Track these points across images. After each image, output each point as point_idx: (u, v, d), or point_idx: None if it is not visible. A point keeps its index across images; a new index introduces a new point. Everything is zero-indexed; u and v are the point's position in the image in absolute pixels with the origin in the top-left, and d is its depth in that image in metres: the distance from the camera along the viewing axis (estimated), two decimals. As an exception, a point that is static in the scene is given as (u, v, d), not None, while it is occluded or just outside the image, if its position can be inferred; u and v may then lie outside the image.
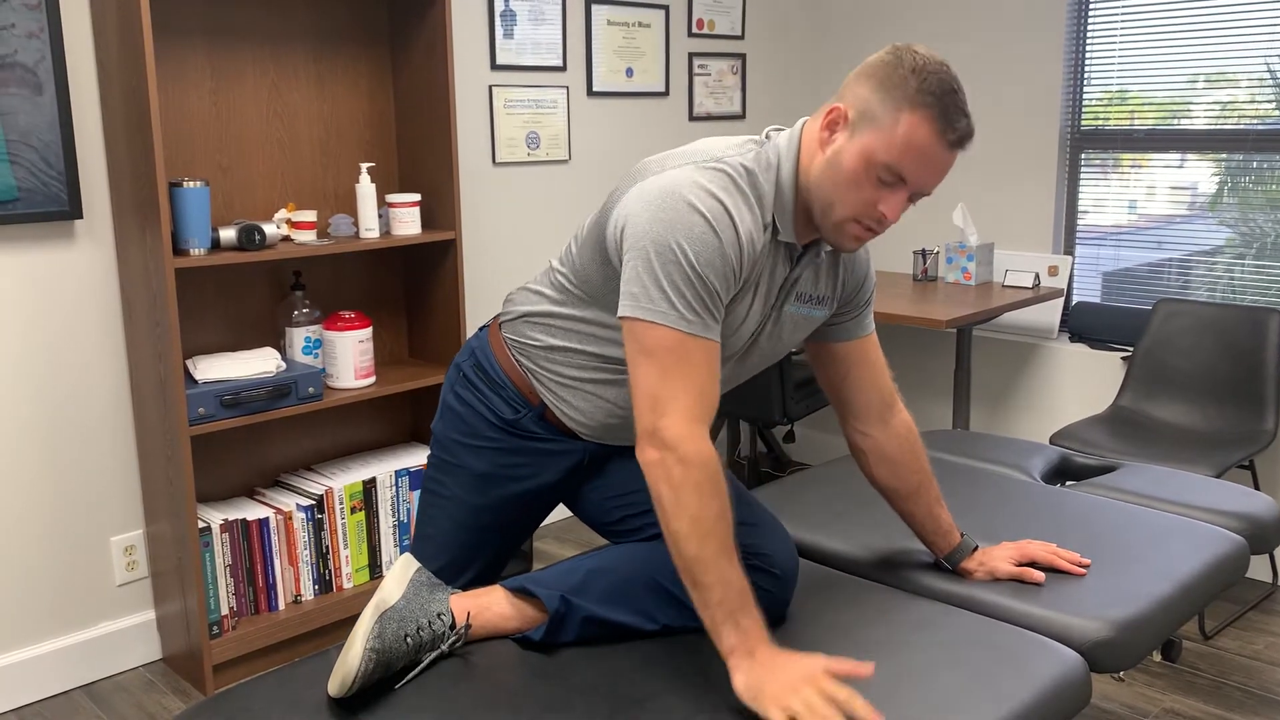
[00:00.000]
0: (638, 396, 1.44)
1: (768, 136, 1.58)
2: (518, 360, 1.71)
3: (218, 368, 2.65)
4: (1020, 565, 1.79)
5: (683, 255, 1.42)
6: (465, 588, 1.75)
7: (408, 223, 2.89)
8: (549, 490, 1.77)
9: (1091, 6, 3.55)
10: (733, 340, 1.60)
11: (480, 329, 1.81)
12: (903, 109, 1.44)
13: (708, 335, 1.45)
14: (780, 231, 1.54)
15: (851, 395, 1.77)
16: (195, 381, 2.62)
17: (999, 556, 1.80)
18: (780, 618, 1.66)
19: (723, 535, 1.41)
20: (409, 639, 1.50)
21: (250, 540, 2.74)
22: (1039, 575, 1.77)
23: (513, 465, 1.74)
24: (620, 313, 1.46)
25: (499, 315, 1.78)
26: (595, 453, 1.75)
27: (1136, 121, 3.51)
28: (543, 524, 3.71)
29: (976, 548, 1.83)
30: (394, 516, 2.99)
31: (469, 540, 1.78)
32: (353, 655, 1.43)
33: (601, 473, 1.78)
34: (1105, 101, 3.57)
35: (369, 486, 2.93)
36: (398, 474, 2.99)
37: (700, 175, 1.48)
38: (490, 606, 1.61)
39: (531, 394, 1.70)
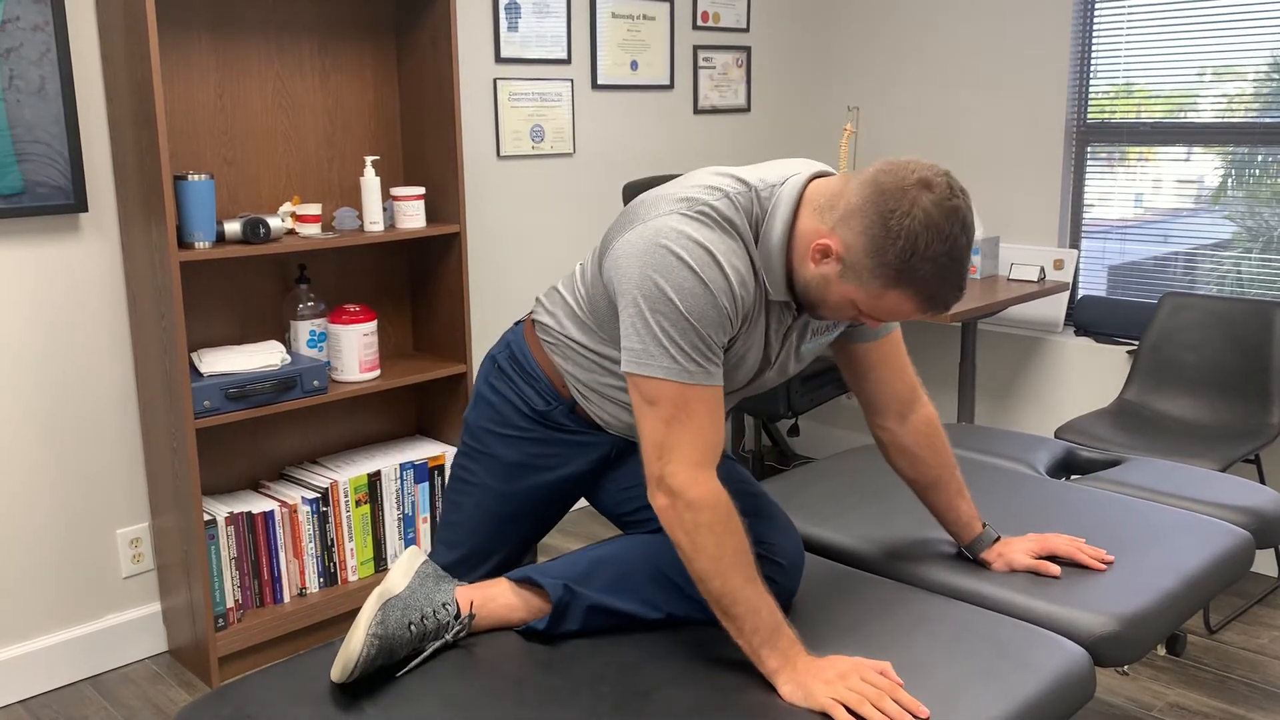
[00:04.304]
0: (644, 445, 1.50)
1: (762, 182, 1.56)
2: (551, 357, 1.75)
3: (223, 361, 2.65)
4: (1040, 558, 1.80)
5: (672, 308, 1.46)
6: (484, 578, 1.76)
7: (412, 216, 2.90)
8: (576, 480, 1.80)
9: (1098, -1, 3.54)
10: (737, 375, 1.63)
11: (516, 323, 1.86)
12: (890, 286, 1.45)
13: (709, 382, 1.50)
14: (770, 291, 1.55)
15: (871, 393, 1.81)
16: (200, 374, 2.62)
17: (1018, 548, 1.81)
18: (785, 608, 1.66)
19: (744, 567, 1.47)
20: (413, 627, 1.51)
21: (255, 533, 2.74)
22: (1055, 569, 1.77)
23: (542, 455, 1.76)
24: (623, 368, 1.52)
25: (532, 312, 1.81)
26: (622, 446, 1.79)
27: (1143, 114, 3.50)
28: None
29: (998, 538, 1.83)
30: (399, 510, 3.00)
31: (494, 528, 1.80)
32: (355, 641, 1.45)
33: (620, 465, 1.81)
34: (1111, 94, 3.56)
35: (374, 480, 2.94)
36: (402, 467, 2.99)
37: (685, 223, 1.49)
38: (495, 598, 1.62)
39: (564, 388, 1.73)
